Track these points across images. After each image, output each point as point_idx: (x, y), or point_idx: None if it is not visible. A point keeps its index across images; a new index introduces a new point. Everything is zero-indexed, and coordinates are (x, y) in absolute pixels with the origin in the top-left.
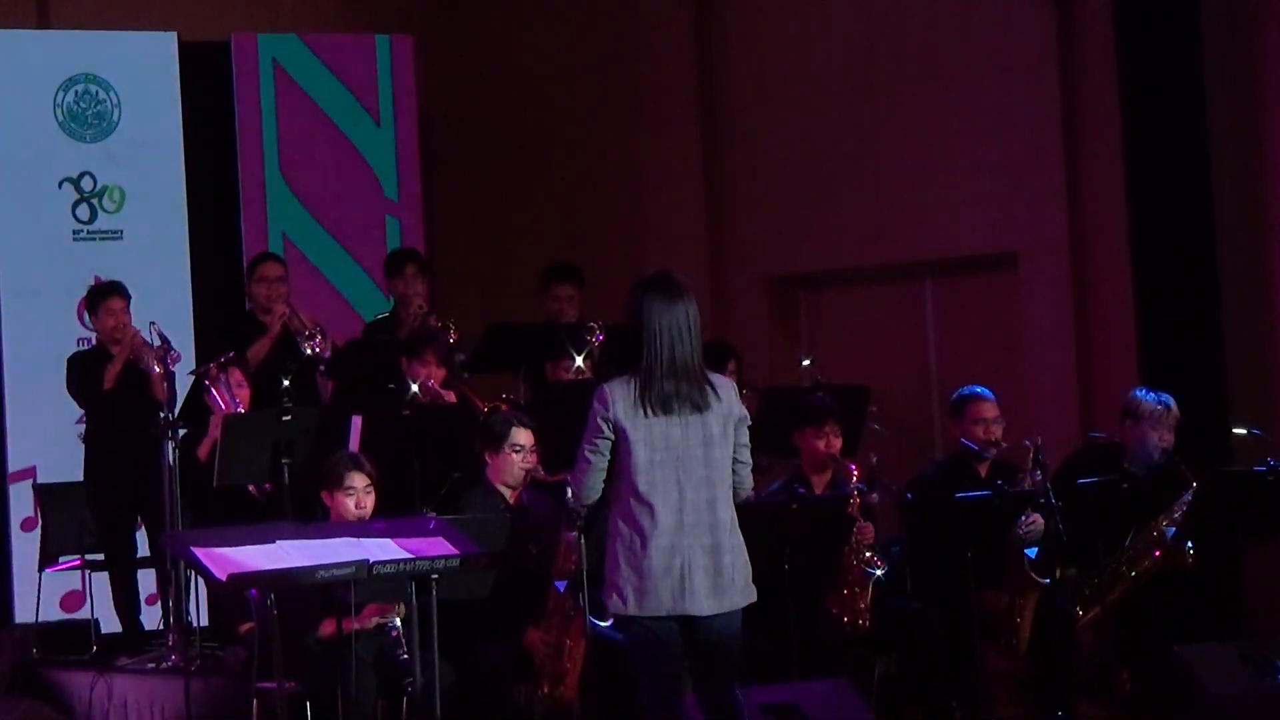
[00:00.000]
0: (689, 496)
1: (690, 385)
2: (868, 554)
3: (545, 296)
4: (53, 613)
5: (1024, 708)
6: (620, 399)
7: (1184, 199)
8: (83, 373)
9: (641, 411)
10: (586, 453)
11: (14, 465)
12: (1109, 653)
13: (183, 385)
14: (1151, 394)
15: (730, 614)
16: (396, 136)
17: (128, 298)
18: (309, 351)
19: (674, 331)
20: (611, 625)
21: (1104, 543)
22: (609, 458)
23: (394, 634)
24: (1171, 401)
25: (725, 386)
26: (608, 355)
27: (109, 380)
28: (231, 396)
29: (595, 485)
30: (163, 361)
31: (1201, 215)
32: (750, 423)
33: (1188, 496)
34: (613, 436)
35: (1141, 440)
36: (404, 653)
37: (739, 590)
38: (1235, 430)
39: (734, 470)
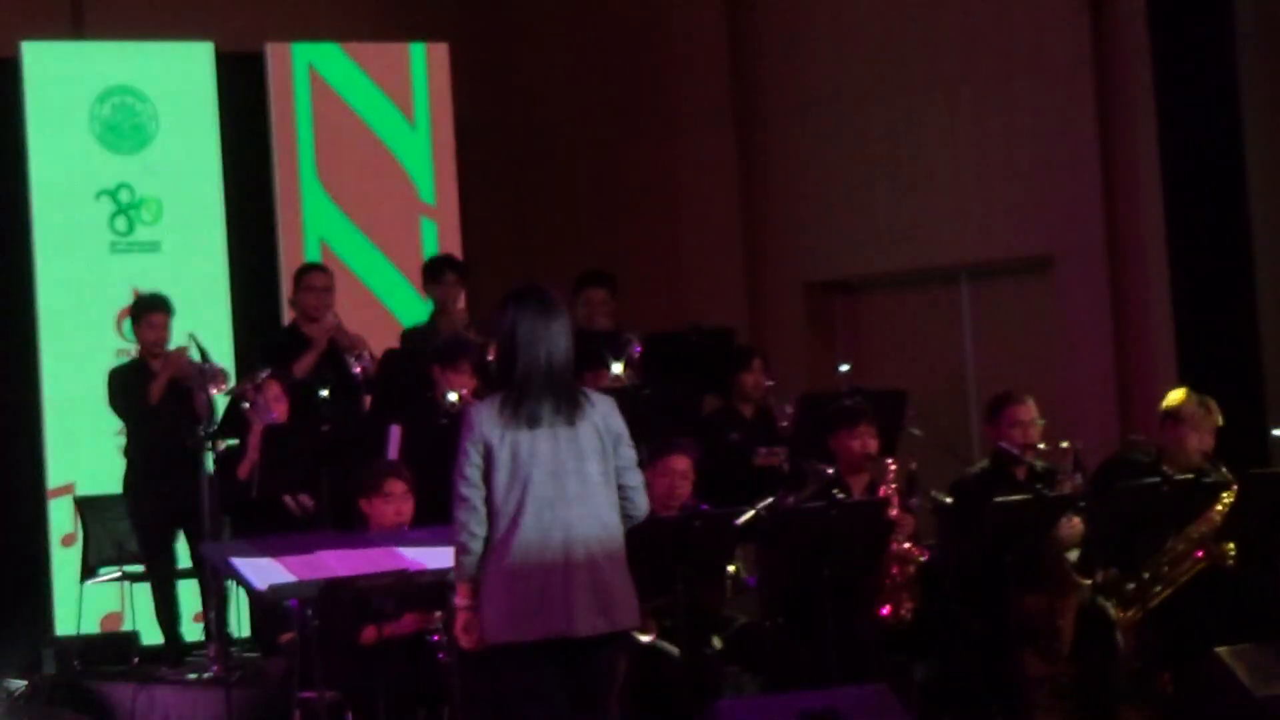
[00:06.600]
0: (561, 513)
1: (563, 397)
2: (907, 545)
3: (575, 301)
4: (94, 625)
5: (1065, 712)
6: (486, 418)
7: (1220, 200)
8: (125, 386)
9: (509, 426)
10: (460, 488)
11: (54, 479)
12: (1151, 656)
13: (221, 398)
14: (1192, 396)
15: (611, 637)
16: (432, 143)
17: (170, 312)
18: (356, 370)
19: (549, 343)
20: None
21: (1144, 545)
22: (485, 489)
23: (435, 640)
24: (1212, 403)
25: (603, 402)
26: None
27: (155, 395)
28: (270, 411)
29: (476, 525)
30: (204, 376)
31: (1238, 216)
32: (632, 444)
33: (1229, 499)
34: (482, 462)
35: (1181, 442)
36: (445, 657)
37: (621, 610)
38: (1274, 431)
39: (624, 495)
